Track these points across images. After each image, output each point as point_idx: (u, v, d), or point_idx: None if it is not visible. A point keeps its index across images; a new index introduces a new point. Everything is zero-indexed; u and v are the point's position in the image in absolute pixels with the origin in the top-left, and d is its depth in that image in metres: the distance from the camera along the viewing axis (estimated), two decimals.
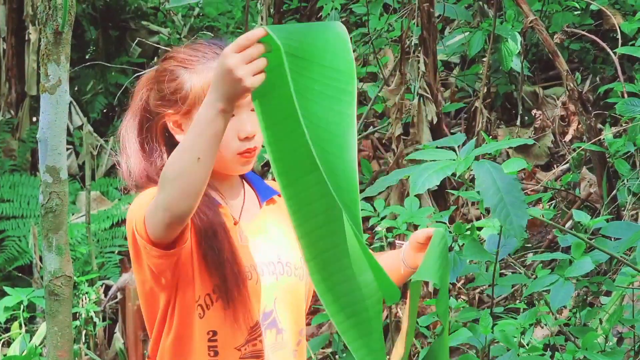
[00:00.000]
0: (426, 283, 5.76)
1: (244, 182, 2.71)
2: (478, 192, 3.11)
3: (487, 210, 3.23)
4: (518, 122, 6.62)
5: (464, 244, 3.64)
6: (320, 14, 8.79)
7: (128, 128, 2.65)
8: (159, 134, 2.63)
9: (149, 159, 2.62)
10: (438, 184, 3.01)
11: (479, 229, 4.03)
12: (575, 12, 6.91)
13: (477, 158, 3.16)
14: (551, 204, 5.98)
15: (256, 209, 2.67)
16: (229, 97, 2.23)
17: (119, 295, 6.41)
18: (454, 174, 3.12)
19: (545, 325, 4.37)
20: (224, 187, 2.64)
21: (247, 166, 2.62)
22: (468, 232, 3.60)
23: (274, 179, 2.78)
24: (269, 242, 2.62)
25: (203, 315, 2.54)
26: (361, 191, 3.11)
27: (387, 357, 2.58)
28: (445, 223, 3.91)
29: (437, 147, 3.18)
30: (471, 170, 3.14)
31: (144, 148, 2.63)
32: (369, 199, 5.20)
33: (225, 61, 2.19)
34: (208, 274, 2.53)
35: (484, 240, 3.82)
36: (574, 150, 5.98)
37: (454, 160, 3.11)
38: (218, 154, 2.54)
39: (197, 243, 2.53)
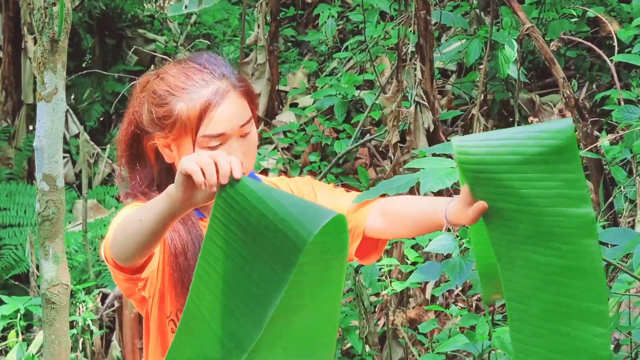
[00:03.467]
0: (423, 290, 5.75)
1: None
2: None
3: None
4: None
5: (466, 249, 3.63)
6: (317, 21, 8.82)
7: (123, 137, 2.64)
8: (149, 151, 2.62)
9: (138, 173, 2.63)
10: (449, 186, 2.97)
11: None
12: (572, 20, 6.92)
13: None
14: None
15: None
16: (177, 185, 2.15)
17: (116, 304, 6.40)
18: None
19: None
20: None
21: None
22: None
23: None
24: None
25: (175, 330, 2.54)
26: None
27: None
28: (450, 229, 3.90)
29: (433, 154, 3.15)
30: None
31: (134, 161, 2.63)
32: None
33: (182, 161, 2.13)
34: (175, 292, 2.54)
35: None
36: None
37: (453, 167, 3.08)
38: None
39: (166, 261, 2.54)
